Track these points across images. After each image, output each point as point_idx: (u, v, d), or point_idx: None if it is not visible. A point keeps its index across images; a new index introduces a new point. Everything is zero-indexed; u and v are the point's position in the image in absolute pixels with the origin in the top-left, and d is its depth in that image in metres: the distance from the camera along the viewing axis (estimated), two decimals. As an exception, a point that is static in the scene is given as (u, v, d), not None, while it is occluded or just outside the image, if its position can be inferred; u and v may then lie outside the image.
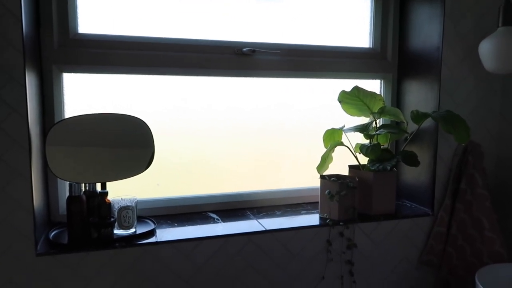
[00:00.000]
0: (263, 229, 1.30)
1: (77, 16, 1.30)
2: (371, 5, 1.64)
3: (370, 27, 1.65)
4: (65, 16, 1.27)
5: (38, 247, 1.12)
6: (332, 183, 1.38)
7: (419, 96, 1.54)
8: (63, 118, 1.28)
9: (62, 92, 1.30)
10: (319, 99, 1.61)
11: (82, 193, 1.19)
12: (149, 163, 1.24)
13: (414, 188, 1.58)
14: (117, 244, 1.16)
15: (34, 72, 1.16)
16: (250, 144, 1.55)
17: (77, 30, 1.30)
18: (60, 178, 1.16)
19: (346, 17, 1.61)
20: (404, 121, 1.52)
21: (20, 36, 1.03)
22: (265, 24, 1.50)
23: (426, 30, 1.50)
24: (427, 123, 1.46)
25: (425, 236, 1.50)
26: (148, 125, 1.24)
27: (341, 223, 1.36)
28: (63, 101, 1.30)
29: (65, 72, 1.29)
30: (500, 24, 1.33)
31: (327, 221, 1.36)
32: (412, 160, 1.38)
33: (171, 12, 1.39)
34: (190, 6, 1.40)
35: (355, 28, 1.63)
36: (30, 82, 1.10)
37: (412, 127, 1.52)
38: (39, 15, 1.23)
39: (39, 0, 1.22)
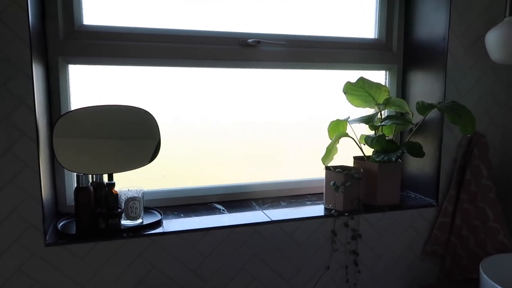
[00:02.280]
0: (269, 219, 1.31)
1: (82, 7, 1.29)
2: (377, -5, 1.63)
3: (375, 17, 1.64)
4: (70, 7, 1.27)
5: (47, 237, 1.13)
6: (337, 174, 1.38)
7: (425, 86, 1.53)
8: (69, 110, 1.29)
9: (68, 83, 1.30)
10: (323, 90, 1.61)
11: (89, 184, 1.20)
12: (155, 154, 1.25)
13: (419, 179, 1.58)
14: (124, 235, 1.17)
15: (40, 64, 1.16)
16: (255, 135, 1.55)
17: (82, 22, 1.30)
18: (68, 170, 1.17)
19: (351, 7, 1.60)
20: (410, 112, 1.52)
21: (27, 28, 1.03)
22: (270, 15, 1.49)
23: (432, 20, 1.49)
24: (432, 114, 1.46)
25: (429, 226, 1.51)
26: (154, 116, 1.24)
27: (346, 214, 1.37)
28: (69, 93, 1.31)
29: (70, 63, 1.29)
30: (507, 14, 1.32)
31: (332, 211, 1.37)
32: (418, 151, 1.38)
33: (177, 3, 1.39)
34: (194, -3, 1.40)
35: (360, 19, 1.62)
36: (37, 74, 1.10)
37: (417, 118, 1.52)
38: (44, 6, 1.23)
39: (44, -9, 1.22)
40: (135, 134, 1.23)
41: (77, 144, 1.17)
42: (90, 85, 1.34)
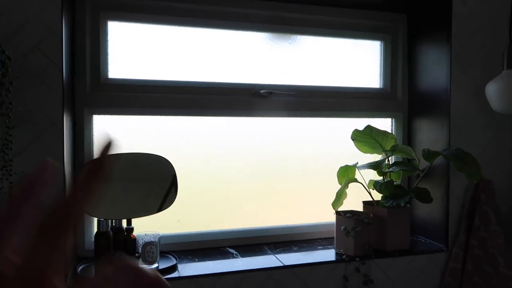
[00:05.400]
0: (281, 264, 1.34)
1: (107, 63, 1.41)
2: (381, 48, 1.73)
3: (380, 69, 1.74)
4: (97, 63, 1.38)
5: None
6: (347, 219, 1.42)
7: (430, 134, 1.60)
8: (92, 159, 1.37)
9: (92, 133, 1.39)
10: (332, 137, 1.68)
11: (109, 229, 1.25)
12: (172, 199, 1.31)
13: (428, 224, 1.60)
14: (141, 279, 1.20)
15: (69, 116, 1.25)
16: (267, 181, 1.61)
17: (107, 76, 1.41)
18: (90, 215, 1.22)
19: (358, 59, 1.70)
20: (416, 159, 1.58)
21: (61, 85, 1.13)
22: (281, 67, 1.59)
23: (434, 72, 1.57)
24: (439, 160, 1.51)
25: (440, 272, 1.51)
26: (171, 162, 1.31)
27: (357, 259, 1.39)
28: (92, 141, 1.39)
29: (95, 114, 1.38)
30: (504, 67, 1.40)
31: (344, 257, 1.39)
32: (425, 197, 1.42)
33: (194, 57, 1.50)
34: (210, 51, 1.51)
35: (366, 70, 1.72)
36: (66, 125, 1.19)
37: (423, 163, 1.57)
38: (74, 64, 1.34)
39: (74, 51, 1.33)
40: (154, 180, 1.30)
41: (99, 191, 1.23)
42: (112, 133, 1.42)
